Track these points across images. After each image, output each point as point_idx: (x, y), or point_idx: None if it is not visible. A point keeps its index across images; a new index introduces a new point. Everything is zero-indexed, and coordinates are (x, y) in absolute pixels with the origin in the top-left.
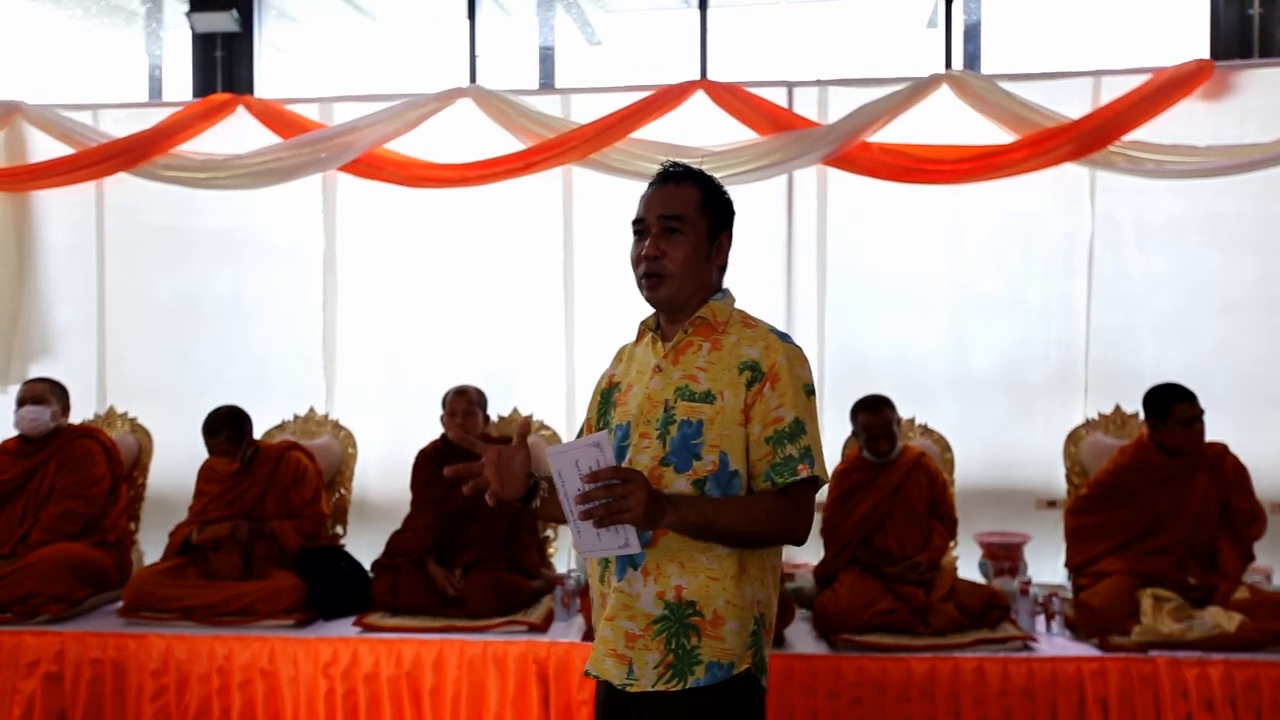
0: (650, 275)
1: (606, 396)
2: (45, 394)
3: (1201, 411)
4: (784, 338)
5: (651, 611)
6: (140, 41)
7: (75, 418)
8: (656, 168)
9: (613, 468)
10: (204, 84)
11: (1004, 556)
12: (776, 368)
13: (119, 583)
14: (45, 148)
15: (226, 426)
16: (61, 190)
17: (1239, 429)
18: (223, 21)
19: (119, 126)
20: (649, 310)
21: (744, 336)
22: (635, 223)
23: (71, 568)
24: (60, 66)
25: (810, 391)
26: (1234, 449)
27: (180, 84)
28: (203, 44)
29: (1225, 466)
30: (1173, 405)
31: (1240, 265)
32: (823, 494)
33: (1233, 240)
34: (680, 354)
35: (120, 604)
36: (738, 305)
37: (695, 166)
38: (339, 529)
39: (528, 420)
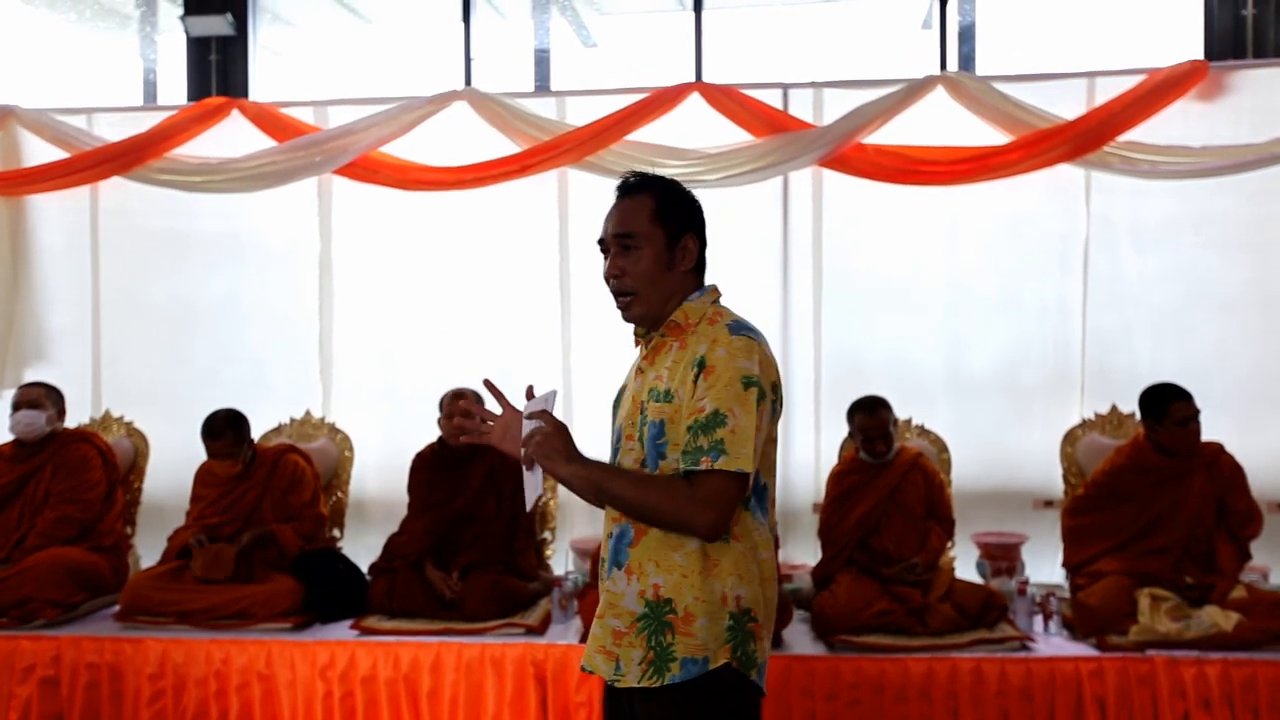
0: (619, 294)
1: (617, 402)
2: (40, 398)
3: (1197, 411)
4: (736, 329)
5: (634, 609)
6: (135, 45)
7: (70, 422)
8: (652, 170)
9: (541, 410)
10: (199, 88)
11: (1001, 557)
12: (714, 360)
13: (115, 587)
14: (39, 152)
15: (229, 429)
16: (56, 194)
17: (1235, 428)
18: (217, 25)
19: (113, 130)
20: None
21: (704, 334)
22: (599, 242)
23: (67, 572)
24: (54, 70)
25: (749, 383)
26: (1230, 448)
27: (175, 88)
28: (197, 48)
29: (1221, 466)
30: (1169, 405)
31: (1235, 265)
32: (820, 495)
33: (1228, 240)
34: (656, 355)
35: (117, 608)
36: (724, 301)
37: (652, 173)
38: (336, 532)
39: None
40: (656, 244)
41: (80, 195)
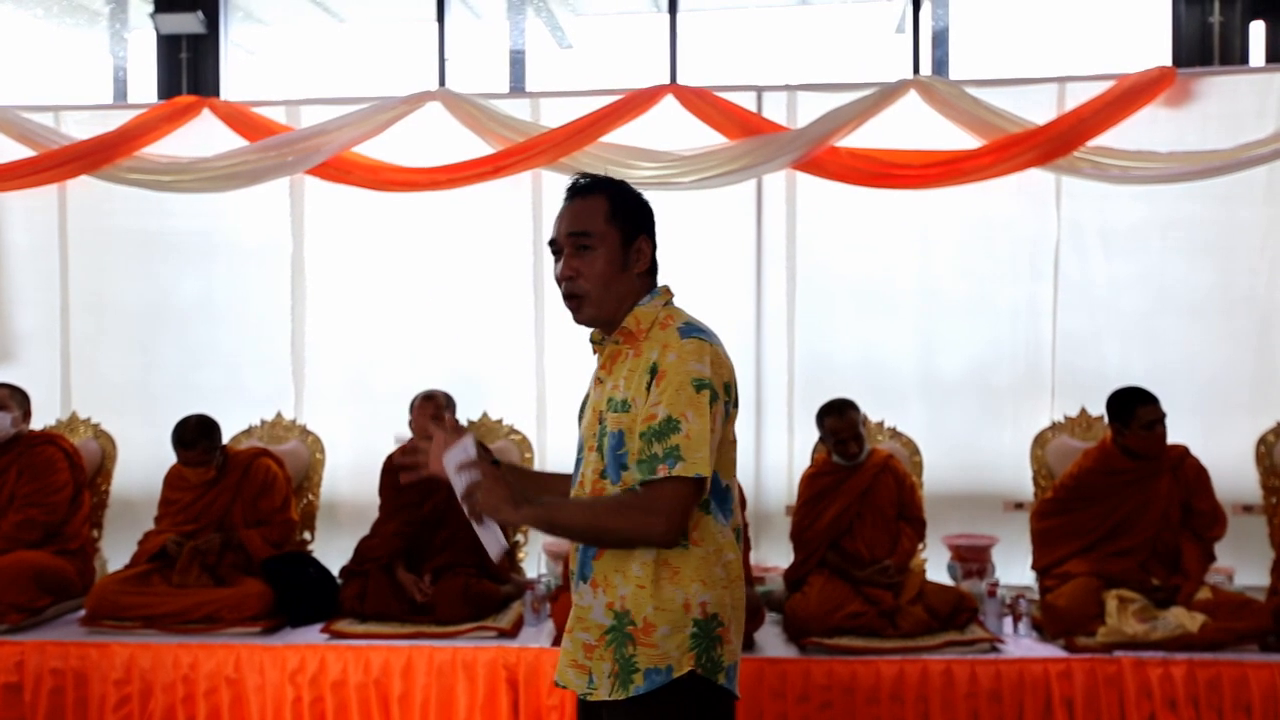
0: (569, 297)
1: (581, 412)
2: (6, 400)
3: (1163, 414)
4: (687, 332)
5: (603, 622)
6: (104, 42)
7: (37, 424)
8: (626, 172)
9: (472, 460)
10: (169, 86)
11: (972, 559)
12: (664, 365)
13: (81, 591)
14: (5, 150)
15: (202, 437)
16: (22, 193)
17: (1200, 432)
18: (188, 23)
19: (82, 129)
20: None
21: (656, 339)
22: (550, 244)
23: (32, 576)
24: (21, 67)
25: (701, 385)
26: (1195, 451)
27: (145, 86)
28: (168, 45)
29: (1187, 469)
30: (1135, 408)
31: (1202, 270)
32: (793, 498)
33: (1194, 245)
34: (613, 364)
35: (83, 612)
36: (696, 303)
37: (604, 175)
38: (307, 534)
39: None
40: (611, 244)
41: (47, 194)
